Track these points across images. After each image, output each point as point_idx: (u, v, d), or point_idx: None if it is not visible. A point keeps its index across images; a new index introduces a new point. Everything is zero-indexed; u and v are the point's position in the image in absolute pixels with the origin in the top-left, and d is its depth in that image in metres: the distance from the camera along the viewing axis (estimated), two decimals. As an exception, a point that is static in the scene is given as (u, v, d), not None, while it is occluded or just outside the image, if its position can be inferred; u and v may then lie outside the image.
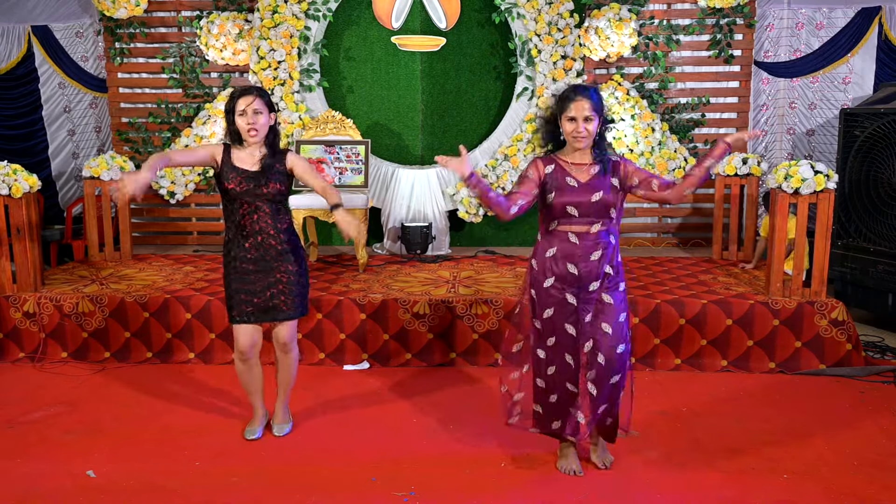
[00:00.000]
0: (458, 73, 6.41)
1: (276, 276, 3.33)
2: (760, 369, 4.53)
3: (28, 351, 4.74)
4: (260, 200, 3.29)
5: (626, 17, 5.93)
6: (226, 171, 3.29)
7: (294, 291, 3.37)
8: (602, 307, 3.09)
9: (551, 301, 3.08)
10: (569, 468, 3.24)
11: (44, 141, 7.05)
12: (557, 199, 3.02)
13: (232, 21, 6.13)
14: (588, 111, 2.96)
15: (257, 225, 3.30)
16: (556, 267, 3.06)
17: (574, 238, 3.04)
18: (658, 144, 6.31)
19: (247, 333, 3.40)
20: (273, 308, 3.35)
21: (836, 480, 3.17)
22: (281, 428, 3.61)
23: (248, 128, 3.24)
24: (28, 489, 3.11)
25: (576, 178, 3.03)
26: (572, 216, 3.03)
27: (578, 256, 3.03)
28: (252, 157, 3.31)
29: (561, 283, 3.06)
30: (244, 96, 3.24)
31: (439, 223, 6.21)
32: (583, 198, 3.01)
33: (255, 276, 3.33)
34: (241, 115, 3.24)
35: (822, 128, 6.59)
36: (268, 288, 3.33)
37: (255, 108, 3.24)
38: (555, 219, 3.06)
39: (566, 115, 2.99)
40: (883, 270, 5.22)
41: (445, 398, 4.11)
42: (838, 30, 6.42)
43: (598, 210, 3.02)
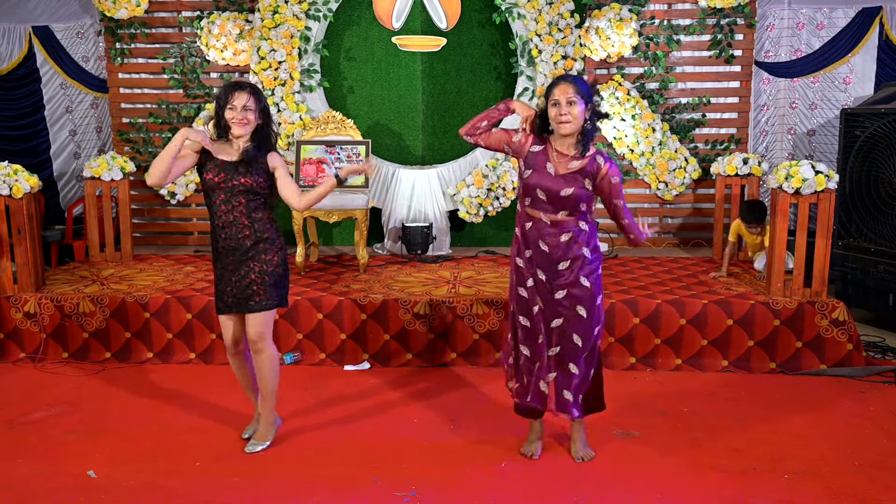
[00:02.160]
0: (458, 74, 6.41)
1: (248, 266, 3.30)
2: (761, 369, 4.53)
3: (29, 351, 4.75)
4: (236, 192, 3.27)
5: (626, 17, 5.93)
6: (206, 163, 3.30)
7: (267, 282, 3.31)
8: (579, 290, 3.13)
9: (526, 275, 3.19)
10: (526, 451, 3.37)
11: (46, 141, 7.06)
12: (532, 179, 3.10)
13: (232, 21, 6.13)
14: (571, 94, 2.98)
15: (231, 215, 3.28)
16: (529, 240, 3.16)
17: (545, 219, 3.11)
18: (659, 144, 6.31)
19: (228, 325, 3.41)
20: (245, 299, 3.32)
21: (837, 480, 3.17)
22: (254, 445, 3.44)
23: (236, 122, 3.23)
24: (29, 489, 3.12)
25: (554, 167, 3.07)
26: (542, 200, 3.10)
27: (548, 235, 3.11)
28: (233, 148, 3.31)
29: (533, 258, 3.16)
30: (238, 91, 3.23)
31: (440, 223, 6.21)
32: (553, 187, 3.06)
33: (231, 266, 3.33)
34: (231, 109, 3.23)
35: (822, 128, 6.58)
36: (242, 279, 3.31)
37: (244, 103, 3.23)
38: (527, 196, 3.15)
39: (550, 100, 3.03)
40: (884, 270, 5.22)
41: (446, 398, 4.11)
42: (839, 30, 6.41)
43: (567, 203, 3.08)
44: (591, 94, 3.06)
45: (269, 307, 3.34)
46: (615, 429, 3.66)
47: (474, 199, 6.19)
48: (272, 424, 3.52)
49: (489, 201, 6.19)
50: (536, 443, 3.38)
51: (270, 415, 3.50)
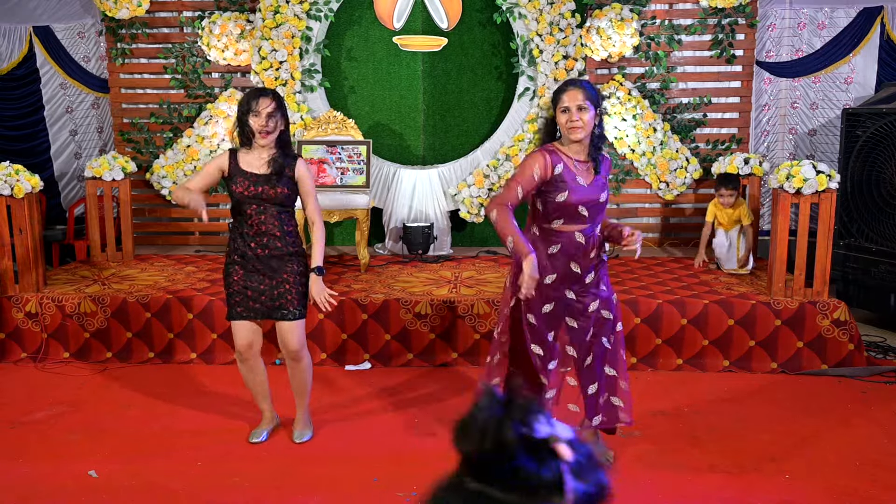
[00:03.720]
0: (459, 74, 6.41)
1: (282, 277, 3.32)
2: (762, 369, 4.53)
3: (30, 351, 4.75)
4: (268, 203, 3.28)
5: (627, 17, 5.92)
6: (234, 176, 3.29)
7: (299, 292, 3.36)
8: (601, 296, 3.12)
9: (551, 297, 3.06)
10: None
11: (46, 141, 7.06)
12: (570, 199, 2.95)
13: (233, 21, 6.13)
14: (581, 100, 2.92)
15: (265, 226, 3.29)
16: (557, 264, 3.03)
17: (580, 238, 3.02)
18: (660, 144, 6.30)
19: (245, 331, 3.39)
20: (277, 308, 3.34)
21: (838, 480, 3.16)
22: (300, 435, 3.56)
23: (260, 129, 3.23)
24: (30, 489, 3.12)
25: (583, 178, 3.00)
26: (582, 216, 3.00)
27: (582, 255, 3.03)
28: (260, 160, 3.30)
29: (561, 281, 3.05)
30: (262, 97, 3.23)
31: (441, 223, 6.21)
32: (592, 197, 3.00)
33: (261, 275, 3.32)
34: (256, 116, 3.22)
35: (823, 128, 6.58)
36: (274, 288, 3.32)
37: (269, 111, 3.22)
38: (560, 217, 3.00)
39: (560, 106, 2.97)
40: (885, 270, 5.21)
41: (447, 398, 4.10)
42: (840, 29, 6.41)
43: (603, 209, 3.07)
44: (600, 99, 3.03)
45: (302, 315, 3.39)
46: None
47: (475, 199, 6.19)
48: (309, 418, 3.64)
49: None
50: None
51: (307, 411, 3.62)
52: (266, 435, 3.57)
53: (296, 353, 3.41)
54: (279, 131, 3.29)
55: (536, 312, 3.08)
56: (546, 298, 3.06)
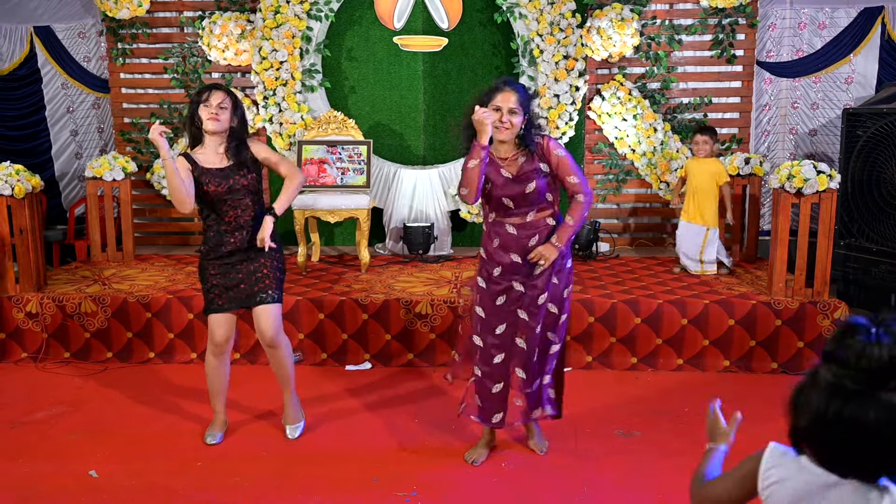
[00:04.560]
0: (460, 74, 6.41)
1: (260, 262, 3.35)
2: (763, 370, 4.53)
3: (30, 351, 4.75)
4: (240, 195, 3.31)
5: (628, 17, 5.92)
6: (201, 178, 3.29)
7: (276, 277, 3.39)
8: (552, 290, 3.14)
9: (499, 288, 3.13)
10: (470, 456, 3.31)
11: (47, 141, 7.06)
12: (494, 192, 3.06)
13: (234, 21, 6.13)
14: (513, 104, 2.98)
15: (241, 219, 3.33)
16: (499, 257, 3.11)
17: (511, 229, 3.09)
18: (660, 144, 6.30)
19: (223, 324, 3.40)
20: (255, 293, 3.35)
21: (839, 481, 3.16)
22: (293, 429, 3.58)
23: (209, 118, 3.25)
24: (30, 489, 3.12)
25: (507, 170, 3.05)
26: (509, 208, 3.07)
27: (518, 246, 3.08)
28: (217, 154, 3.32)
29: (507, 272, 3.11)
30: (215, 91, 3.27)
31: (441, 223, 6.21)
32: (516, 189, 3.03)
33: (239, 265, 3.35)
34: (206, 105, 3.24)
35: (824, 128, 6.58)
36: (252, 273, 3.35)
37: (220, 102, 3.25)
38: (492, 211, 3.12)
39: (492, 104, 2.99)
40: (885, 270, 5.21)
41: (447, 398, 4.10)
42: (841, 29, 6.41)
43: (533, 199, 3.05)
44: (530, 102, 3.07)
45: (279, 300, 3.40)
46: (617, 429, 3.65)
47: (476, 199, 6.19)
48: (298, 405, 3.64)
49: (490, 201, 6.19)
50: (484, 449, 3.35)
51: (294, 397, 3.61)
52: (221, 437, 3.55)
53: (272, 339, 3.39)
54: (230, 126, 3.30)
55: (487, 305, 3.16)
56: (496, 289, 3.13)
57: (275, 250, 3.40)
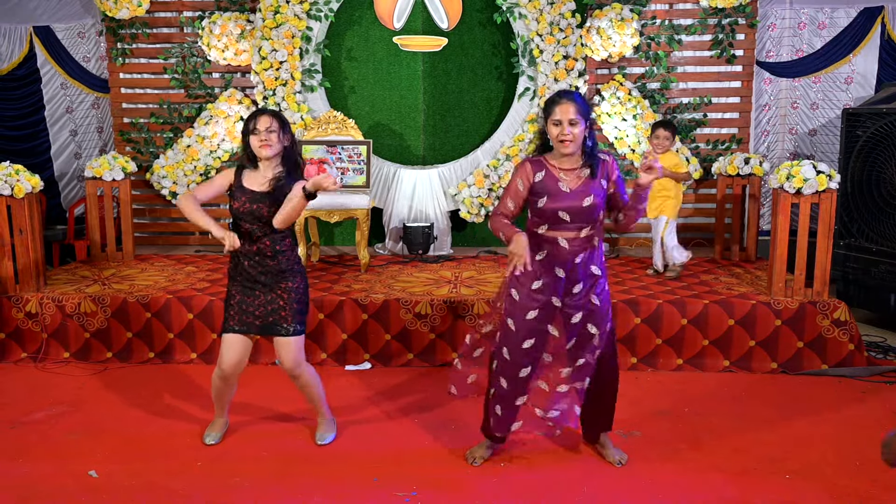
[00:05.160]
0: (459, 74, 6.41)
1: (276, 293, 3.31)
2: (762, 370, 4.53)
3: (30, 351, 4.75)
4: (259, 222, 3.26)
5: (627, 17, 5.92)
6: (235, 192, 3.30)
7: (294, 309, 3.32)
8: (590, 309, 3.12)
9: (536, 303, 3.09)
10: (470, 457, 3.31)
11: (46, 141, 7.07)
12: (549, 204, 3.02)
13: (234, 21, 6.13)
14: (572, 114, 2.95)
15: (256, 245, 3.28)
16: (543, 270, 3.07)
17: (564, 242, 3.05)
18: (660, 144, 6.30)
19: (235, 349, 3.33)
20: (273, 324, 3.31)
21: (839, 481, 3.16)
22: (321, 436, 3.54)
23: (259, 145, 3.23)
24: (30, 489, 3.12)
25: (567, 184, 3.03)
26: (564, 221, 3.03)
27: (566, 260, 3.05)
28: (263, 178, 3.28)
29: (547, 286, 3.07)
30: (261, 116, 3.25)
31: (441, 223, 6.21)
32: (575, 203, 3.01)
33: (258, 290, 3.31)
34: (254, 134, 3.24)
35: (824, 128, 6.58)
36: (269, 304, 3.30)
37: (267, 125, 3.23)
38: (545, 223, 3.06)
39: (551, 118, 2.98)
40: (885, 270, 5.21)
41: (447, 398, 4.09)
42: (840, 29, 6.41)
43: (589, 214, 3.03)
44: (590, 111, 3.05)
45: (298, 332, 3.34)
46: (617, 429, 3.65)
47: (475, 198, 6.19)
48: (332, 423, 3.62)
49: (490, 201, 6.19)
50: (486, 451, 3.34)
51: (327, 417, 3.60)
52: (219, 438, 3.55)
53: (291, 370, 3.36)
54: (283, 147, 3.29)
55: (519, 319, 3.11)
56: (531, 304, 3.09)
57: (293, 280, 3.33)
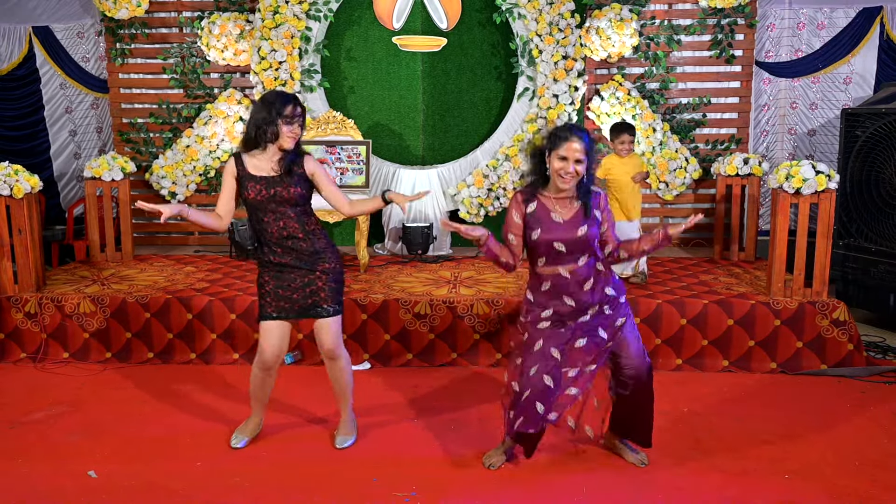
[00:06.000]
0: (459, 74, 6.41)
1: (315, 274, 3.25)
2: (762, 369, 4.53)
3: (29, 351, 4.75)
4: (283, 206, 3.19)
5: (627, 17, 5.92)
6: (244, 182, 3.20)
7: (332, 289, 3.27)
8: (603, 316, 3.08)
9: (545, 333, 3.07)
10: (488, 461, 3.30)
11: (45, 141, 7.07)
12: (544, 236, 3.01)
13: (233, 21, 6.13)
14: (580, 154, 2.94)
15: (286, 231, 3.21)
16: (551, 301, 3.06)
17: (565, 273, 3.03)
18: (659, 145, 6.31)
19: (276, 337, 3.27)
20: (312, 306, 3.26)
21: (838, 481, 3.16)
22: (342, 440, 3.49)
23: (291, 136, 3.16)
24: (29, 490, 3.11)
25: (560, 214, 3.02)
26: (561, 252, 3.01)
27: (573, 290, 3.03)
28: (270, 162, 3.20)
29: (558, 316, 3.06)
30: (294, 104, 3.16)
31: (440, 224, 6.21)
32: (569, 234, 3.00)
33: (294, 273, 3.24)
34: (287, 122, 3.14)
35: (823, 128, 6.59)
36: (307, 286, 3.24)
37: (299, 115, 3.17)
38: (542, 255, 3.05)
39: (557, 152, 2.96)
40: (884, 270, 5.22)
41: (446, 399, 4.11)
42: (840, 30, 6.42)
43: (585, 244, 3.02)
44: (594, 150, 3.04)
45: (337, 312, 3.30)
46: (616, 429, 3.66)
47: (475, 199, 6.19)
48: (353, 421, 3.58)
49: (489, 201, 6.20)
50: (502, 455, 3.32)
51: (350, 413, 3.56)
52: (246, 442, 3.50)
53: (331, 351, 3.32)
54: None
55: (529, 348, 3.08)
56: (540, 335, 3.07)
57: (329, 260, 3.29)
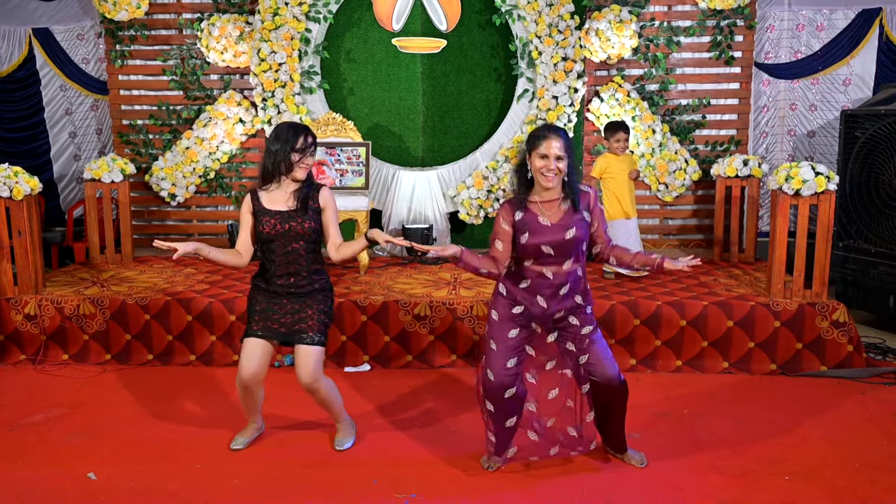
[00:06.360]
0: (458, 75, 6.41)
1: (306, 303, 3.28)
2: (761, 371, 4.53)
3: (29, 353, 4.74)
4: (296, 241, 3.22)
5: (626, 18, 5.93)
6: (259, 217, 3.23)
7: (320, 320, 3.30)
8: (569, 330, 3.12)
9: (515, 325, 3.11)
10: (486, 462, 3.30)
11: (45, 143, 7.07)
12: (532, 240, 3.02)
13: (233, 23, 6.13)
14: (560, 150, 2.96)
15: (292, 266, 3.24)
16: (525, 298, 3.09)
17: (549, 273, 3.05)
18: (659, 146, 6.31)
19: (256, 357, 3.28)
20: (296, 332, 3.28)
21: (838, 482, 3.16)
22: (342, 442, 3.49)
23: (303, 167, 3.19)
24: (28, 491, 3.11)
25: (548, 218, 3.03)
26: (548, 255, 3.03)
27: (549, 292, 3.06)
28: (285, 195, 3.24)
29: (528, 313, 3.09)
30: (306, 135, 3.18)
31: (440, 225, 6.21)
32: (556, 237, 3.02)
33: (285, 301, 3.28)
34: (301, 154, 3.17)
35: (822, 129, 6.59)
36: (297, 312, 3.28)
37: (312, 149, 3.19)
38: (529, 258, 3.07)
39: (537, 151, 2.99)
40: (884, 272, 5.22)
41: (446, 400, 4.10)
42: (839, 31, 6.42)
43: (572, 247, 3.04)
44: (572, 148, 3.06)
45: (321, 343, 3.30)
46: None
47: (474, 200, 6.20)
48: (351, 427, 3.58)
49: (489, 203, 6.20)
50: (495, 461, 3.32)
51: (347, 422, 3.56)
52: (246, 443, 3.50)
53: (309, 384, 3.26)
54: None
55: (500, 338, 3.12)
56: (511, 324, 3.11)
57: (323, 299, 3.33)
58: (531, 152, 3.02)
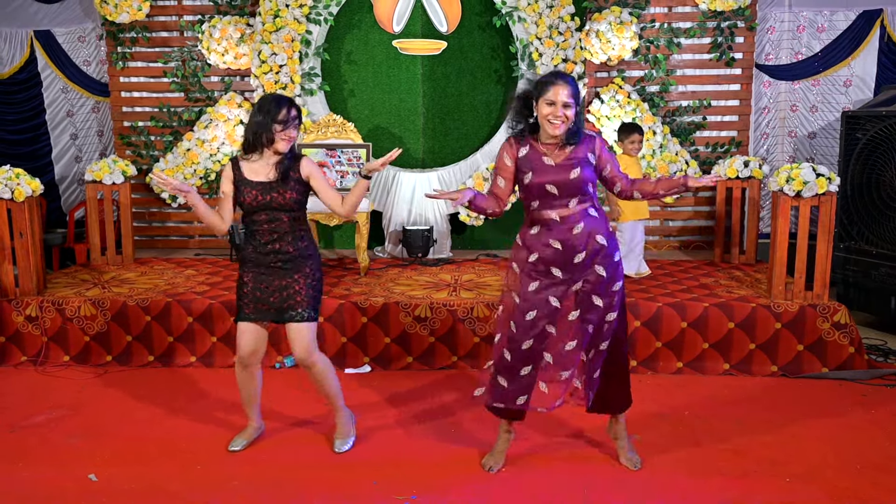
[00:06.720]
0: (459, 77, 6.42)
1: (294, 277, 3.28)
2: (762, 373, 4.52)
3: (30, 354, 4.75)
4: (278, 211, 3.23)
5: (626, 20, 5.93)
6: (240, 187, 3.24)
7: (310, 294, 3.30)
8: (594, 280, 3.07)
9: (536, 275, 3.08)
10: (488, 463, 3.27)
11: (47, 145, 7.08)
12: (535, 179, 3.02)
13: (233, 25, 6.14)
14: (567, 97, 2.95)
15: (276, 234, 3.25)
16: (539, 243, 3.06)
17: (556, 215, 3.04)
18: (659, 147, 6.31)
19: (250, 336, 3.33)
20: (286, 309, 3.28)
21: (839, 483, 3.16)
22: (341, 443, 3.48)
23: (285, 139, 3.19)
24: (30, 493, 3.11)
25: (552, 158, 3.02)
26: (552, 195, 3.02)
27: (562, 231, 3.03)
28: (267, 166, 3.24)
29: (546, 258, 3.06)
30: (289, 108, 3.18)
31: (440, 226, 6.21)
32: (561, 176, 3.00)
33: (273, 278, 3.28)
34: (282, 125, 3.17)
35: (823, 131, 6.59)
36: (284, 289, 3.27)
37: (294, 118, 3.19)
38: (535, 198, 3.06)
39: (545, 98, 2.97)
40: (885, 273, 5.21)
41: (447, 402, 4.10)
42: (840, 32, 6.42)
43: (577, 187, 3.02)
44: (580, 96, 3.06)
45: (312, 318, 3.30)
46: (616, 432, 3.65)
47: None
48: (349, 419, 3.56)
49: (490, 204, 6.19)
50: (501, 455, 3.30)
51: (344, 412, 3.53)
52: (245, 444, 3.50)
53: (304, 360, 3.31)
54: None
55: (521, 290, 3.10)
56: (531, 276, 3.09)
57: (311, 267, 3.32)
58: (538, 98, 2.99)
